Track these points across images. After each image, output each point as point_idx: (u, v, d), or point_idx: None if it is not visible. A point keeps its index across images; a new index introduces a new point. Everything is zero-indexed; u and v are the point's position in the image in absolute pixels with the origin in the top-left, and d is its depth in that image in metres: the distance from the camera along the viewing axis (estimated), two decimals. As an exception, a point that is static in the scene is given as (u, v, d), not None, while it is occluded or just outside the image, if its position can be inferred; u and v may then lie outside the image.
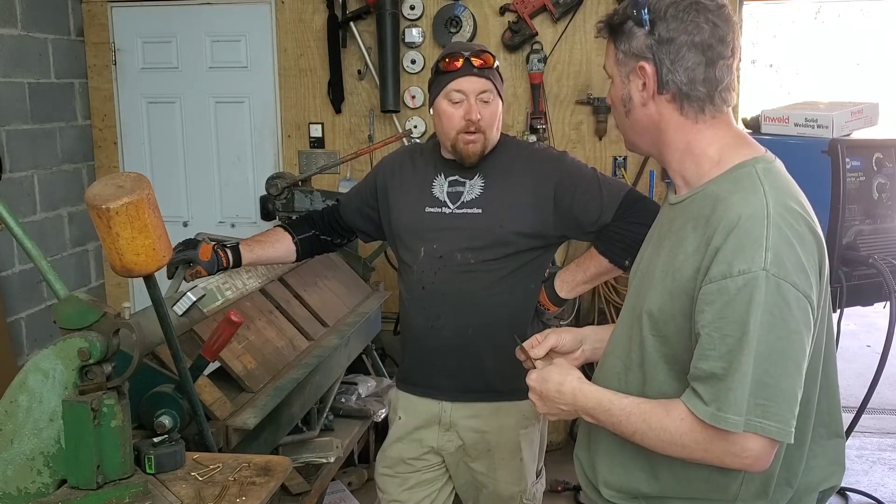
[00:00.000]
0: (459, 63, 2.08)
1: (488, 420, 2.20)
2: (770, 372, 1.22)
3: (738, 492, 1.37)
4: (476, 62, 2.08)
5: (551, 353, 1.62)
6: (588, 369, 1.56)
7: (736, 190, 1.31)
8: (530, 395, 1.50)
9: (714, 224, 1.28)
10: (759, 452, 1.25)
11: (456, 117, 2.09)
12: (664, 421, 1.30)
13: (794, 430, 1.24)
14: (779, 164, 1.39)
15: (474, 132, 2.09)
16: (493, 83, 2.11)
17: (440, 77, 2.12)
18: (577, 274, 2.19)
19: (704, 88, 1.35)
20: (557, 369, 1.48)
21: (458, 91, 2.09)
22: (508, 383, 2.17)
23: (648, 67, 1.36)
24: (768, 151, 1.41)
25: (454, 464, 2.27)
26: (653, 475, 1.42)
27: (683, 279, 1.31)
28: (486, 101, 2.10)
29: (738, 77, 1.41)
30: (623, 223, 2.09)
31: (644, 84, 1.37)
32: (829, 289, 1.37)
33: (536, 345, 1.61)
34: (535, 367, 1.55)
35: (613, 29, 1.40)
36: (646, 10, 1.34)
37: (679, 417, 1.29)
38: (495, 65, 2.13)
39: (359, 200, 2.36)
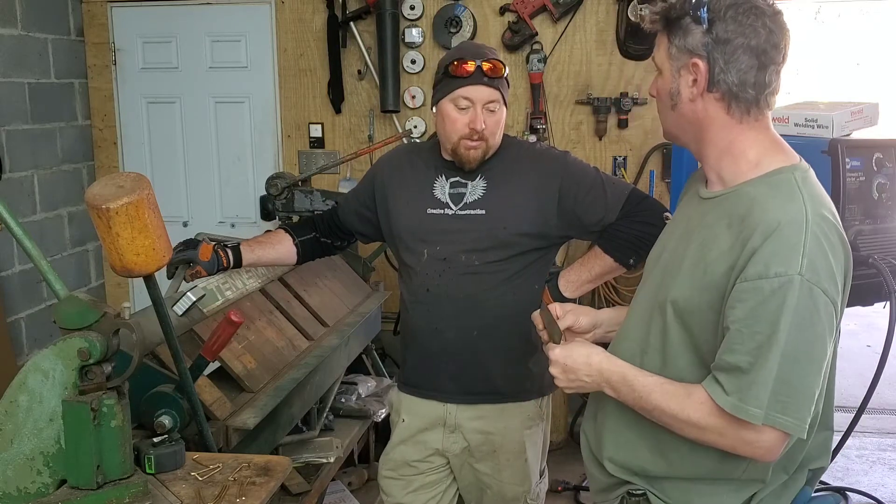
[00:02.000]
0: (471, 69, 2.03)
1: (493, 421, 2.19)
2: (794, 371, 1.28)
3: (740, 475, 1.43)
4: (487, 70, 2.04)
5: (565, 332, 1.67)
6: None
7: (774, 195, 1.35)
8: (551, 368, 1.54)
9: (751, 225, 1.32)
10: (771, 444, 1.32)
11: (460, 123, 2.06)
12: (684, 402, 1.36)
13: (808, 426, 1.30)
14: (812, 172, 1.43)
15: (477, 140, 2.08)
16: (501, 92, 2.08)
17: (449, 80, 2.07)
18: (582, 273, 2.18)
19: (753, 91, 1.38)
20: (581, 344, 1.56)
21: (466, 98, 2.05)
22: (513, 384, 2.17)
23: (702, 65, 1.38)
24: (803, 160, 1.44)
25: (459, 465, 2.26)
26: (660, 454, 1.47)
27: (716, 275, 1.35)
28: (492, 111, 2.07)
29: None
30: (628, 222, 2.09)
31: (695, 80, 1.40)
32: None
33: (559, 317, 1.67)
34: (551, 339, 1.61)
35: (670, 22, 1.42)
36: (705, 9, 1.36)
37: (699, 401, 1.35)
38: (505, 73, 2.09)
39: (356, 203, 2.34)
